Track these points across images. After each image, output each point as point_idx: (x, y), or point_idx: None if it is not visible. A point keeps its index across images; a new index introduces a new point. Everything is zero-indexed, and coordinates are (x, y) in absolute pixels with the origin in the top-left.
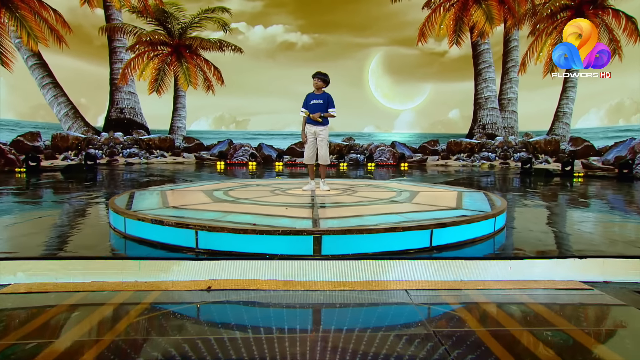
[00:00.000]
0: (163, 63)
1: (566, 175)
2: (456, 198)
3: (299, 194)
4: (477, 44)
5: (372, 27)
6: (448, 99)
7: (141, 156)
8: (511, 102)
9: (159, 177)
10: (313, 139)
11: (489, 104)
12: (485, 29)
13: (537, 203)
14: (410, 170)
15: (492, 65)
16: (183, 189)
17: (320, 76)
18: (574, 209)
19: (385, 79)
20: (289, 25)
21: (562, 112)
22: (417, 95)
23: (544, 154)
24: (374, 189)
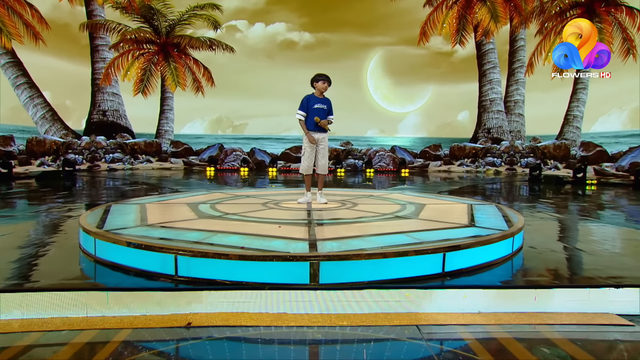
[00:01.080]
0: (149, 62)
1: (578, 183)
2: (467, 212)
3: (294, 207)
4: (482, 43)
5: (379, 25)
6: (455, 100)
7: (125, 161)
8: (518, 105)
9: (143, 185)
10: (314, 147)
11: (494, 107)
12: (490, 27)
13: (553, 216)
14: (411, 176)
15: (497, 66)
16: (166, 202)
17: (330, 80)
18: (595, 223)
19: (385, 80)
20: (291, 24)
21: (572, 115)
22: (418, 97)
23: (553, 160)
24: (375, 200)
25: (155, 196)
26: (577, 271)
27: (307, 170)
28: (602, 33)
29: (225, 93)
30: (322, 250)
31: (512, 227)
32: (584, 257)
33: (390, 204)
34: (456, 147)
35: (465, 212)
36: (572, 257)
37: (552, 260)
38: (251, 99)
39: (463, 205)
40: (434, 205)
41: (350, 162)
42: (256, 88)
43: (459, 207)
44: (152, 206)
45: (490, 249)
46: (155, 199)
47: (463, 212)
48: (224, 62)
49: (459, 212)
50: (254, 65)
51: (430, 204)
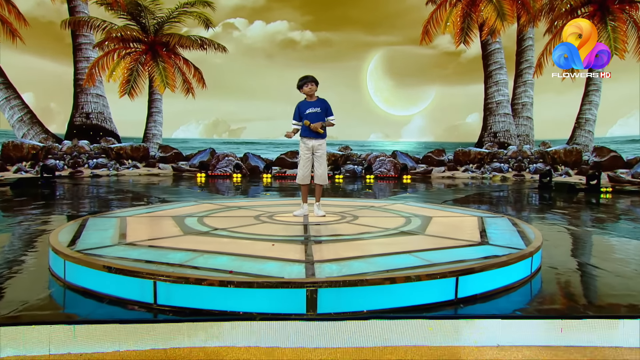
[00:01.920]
0: (136, 62)
1: (592, 190)
2: (478, 227)
3: (289, 221)
4: (487, 43)
5: (385, 24)
6: (461, 102)
7: (110, 167)
8: (526, 108)
9: (128, 193)
10: (309, 154)
11: (500, 110)
12: (496, 26)
13: (568, 228)
14: (413, 183)
15: (504, 66)
16: (149, 214)
17: (313, 80)
18: (616, 237)
19: (386, 81)
20: (294, 22)
21: (585, 118)
22: (421, 99)
23: (564, 166)
24: (377, 212)
25: (139, 207)
26: (606, 297)
27: (302, 180)
28: (615, 32)
29: (221, 95)
30: (321, 275)
31: (530, 246)
32: (612, 279)
33: (394, 217)
34: (460, 152)
35: (476, 227)
36: (598, 278)
37: (575, 282)
38: (249, 101)
39: (473, 218)
40: (441, 219)
41: (349, 167)
42: (254, 90)
43: (469, 220)
44: (134, 220)
45: (507, 271)
46: (138, 211)
47: (473, 227)
48: (219, 63)
49: (469, 227)
50: (252, 66)
51: (436, 217)
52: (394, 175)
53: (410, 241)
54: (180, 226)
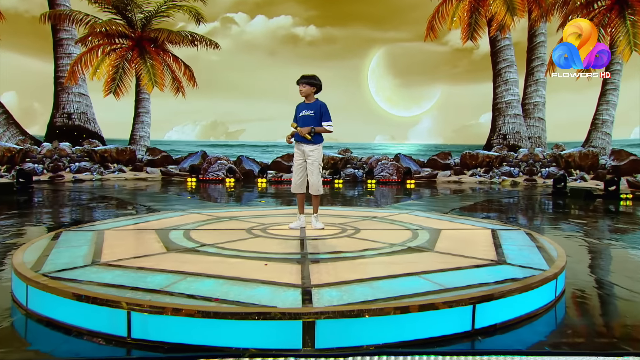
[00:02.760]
0: (122, 59)
1: (611, 197)
2: (492, 242)
3: (284, 234)
4: (496, 39)
5: (395, 20)
6: (474, 102)
7: (94, 171)
8: (537, 108)
9: (111, 201)
10: (302, 160)
11: (510, 110)
12: (505, 21)
13: (590, 241)
14: (418, 188)
15: (514, 64)
16: (130, 227)
17: (305, 80)
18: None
19: (388, 80)
20: (298, 17)
21: (601, 119)
22: (425, 99)
23: (579, 170)
24: (380, 224)
25: (121, 218)
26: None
27: (296, 189)
28: (635, 27)
29: (219, 94)
30: (320, 303)
31: (553, 266)
32: None
33: (399, 229)
34: (468, 155)
35: (490, 242)
36: (631, 303)
37: (606, 309)
38: (248, 101)
39: (486, 231)
40: (451, 232)
41: (349, 171)
42: (254, 89)
43: (481, 234)
44: (112, 235)
45: (530, 296)
46: (118, 223)
47: (487, 242)
48: (216, 60)
49: (483, 242)
50: (252, 64)
51: (445, 229)
52: (396, 180)
53: (419, 260)
54: (163, 241)
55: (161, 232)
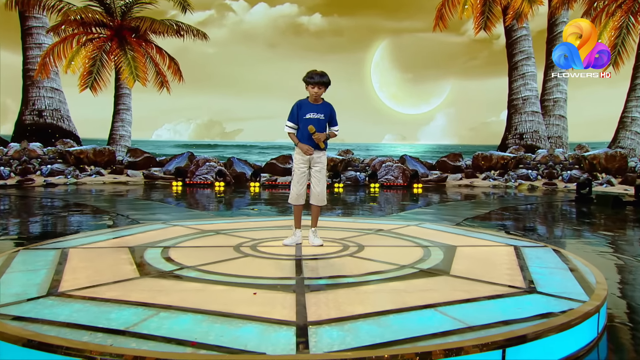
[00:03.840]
0: (100, 50)
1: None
2: (517, 263)
3: (277, 253)
4: (513, 29)
5: (410, 8)
6: (491, 98)
7: (68, 174)
8: (558, 105)
9: (85, 208)
10: (305, 169)
11: (527, 107)
12: (522, 9)
13: (624, 258)
14: (426, 193)
15: (532, 56)
16: (100, 243)
17: (323, 79)
18: None
19: (393, 74)
20: (303, 7)
21: (630, 117)
22: (436, 95)
23: (606, 173)
24: (387, 239)
25: (92, 232)
26: None
27: (296, 200)
28: None
29: (214, 90)
30: (318, 348)
31: (594, 296)
32: None
33: (408, 246)
34: (480, 157)
35: (515, 263)
36: None
37: None
38: (246, 98)
39: (507, 248)
40: (468, 249)
41: (350, 174)
42: (252, 84)
43: (503, 252)
44: (78, 253)
45: (569, 336)
46: (87, 239)
47: (511, 263)
48: (212, 53)
49: (506, 263)
50: (251, 56)
51: (461, 246)
52: (402, 184)
53: (434, 287)
54: (137, 263)
55: (136, 250)
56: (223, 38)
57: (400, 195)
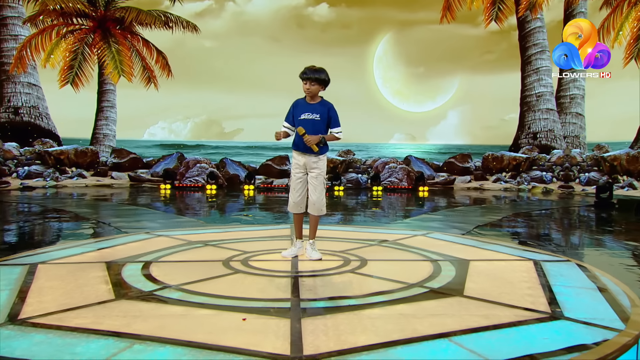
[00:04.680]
0: (81, 43)
1: None
2: (538, 281)
3: (271, 269)
4: (526, 20)
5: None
6: (504, 95)
7: (48, 177)
8: (575, 102)
9: (65, 215)
10: (301, 174)
11: (542, 104)
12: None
13: None
14: (432, 196)
15: (547, 50)
16: (74, 257)
17: (315, 76)
18: None
19: (398, 70)
20: None
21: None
22: (445, 91)
23: (627, 176)
24: (392, 251)
25: (67, 244)
26: None
27: (294, 208)
28: None
29: (212, 86)
30: None
31: (630, 322)
32: None
33: (416, 260)
34: (491, 158)
35: (536, 281)
36: None
37: None
38: (246, 95)
39: (526, 263)
40: (482, 264)
41: (351, 176)
42: (253, 80)
43: (521, 268)
44: (48, 270)
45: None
46: (61, 252)
47: (532, 281)
48: (210, 47)
49: (526, 281)
50: (252, 50)
51: (474, 260)
52: (407, 187)
53: (446, 311)
54: (114, 282)
55: (113, 266)
56: (222, 30)
57: (404, 199)
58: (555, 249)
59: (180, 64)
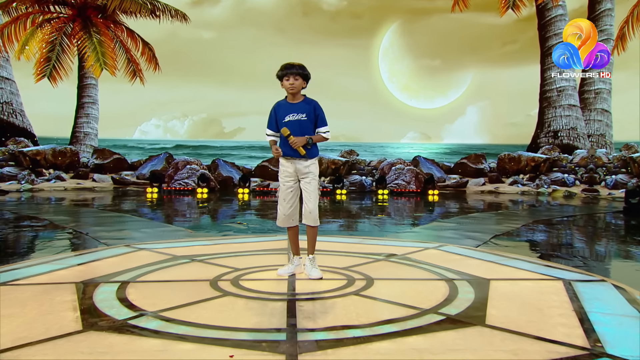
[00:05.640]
0: (60, 33)
1: None
2: (571, 307)
3: (265, 290)
4: (546, 8)
5: None
6: (520, 90)
7: (22, 179)
8: (601, 97)
9: (38, 223)
10: (292, 182)
11: (563, 100)
12: None
13: None
14: (443, 201)
15: None
16: (40, 277)
17: (299, 71)
18: None
19: (405, 63)
20: None
21: None
22: (457, 85)
23: None
24: (400, 268)
25: (34, 259)
26: None
27: (285, 221)
28: None
29: (210, 81)
30: None
31: None
32: None
33: (428, 279)
34: (507, 158)
35: (568, 307)
36: None
37: None
38: (247, 90)
39: (555, 284)
40: (504, 284)
41: (354, 178)
42: (254, 74)
43: (550, 290)
44: (7, 294)
45: None
46: (26, 270)
47: (564, 307)
48: (209, 38)
49: (557, 307)
50: (254, 42)
51: (495, 279)
52: (415, 190)
53: (467, 344)
54: (82, 308)
55: (86, 287)
56: (221, 20)
57: (413, 204)
58: (583, 264)
59: (175, 56)
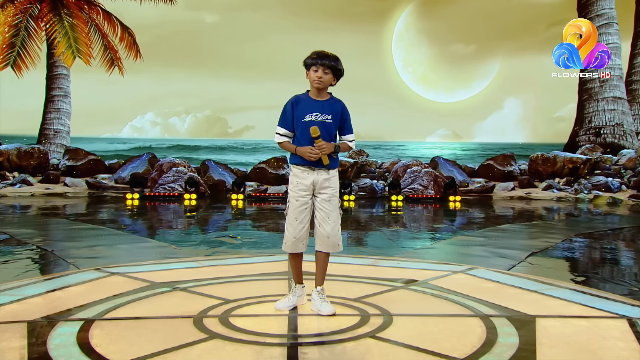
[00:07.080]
0: (25, 15)
1: None
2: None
3: (260, 331)
4: None
5: None
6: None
7: None
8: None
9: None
10: (308, 197)
11: (607, 92)
12: None
13: None
14: (466, 208)
15: (614, 21)
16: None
17: (332, 63)
18: None
19: (422, 50)
20: None
21: None
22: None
23: None
24: (423, 299)
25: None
26: None
27: (293, 246)
28: None
29: (218, 71)
30: None
31: None
32: None
33: (460, 315)
34: (540, 159)
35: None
36: None
37: None
38: (252, 82)
39: (617, 323)
40: (554, 323)
41: (364, 182)
42: (261, 64)
43: (614, 330)
44: None
45: None
46: None
47: (633, 355)
48: (211, 23)
49: (626, 356)
50: (261, 27)
51: (542, 316)
52: (434, 196)
53: None
54: (32, 357)
55: (39, 328)
56: (225, 3)
57: (431, 213)
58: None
59: (174, 43)
